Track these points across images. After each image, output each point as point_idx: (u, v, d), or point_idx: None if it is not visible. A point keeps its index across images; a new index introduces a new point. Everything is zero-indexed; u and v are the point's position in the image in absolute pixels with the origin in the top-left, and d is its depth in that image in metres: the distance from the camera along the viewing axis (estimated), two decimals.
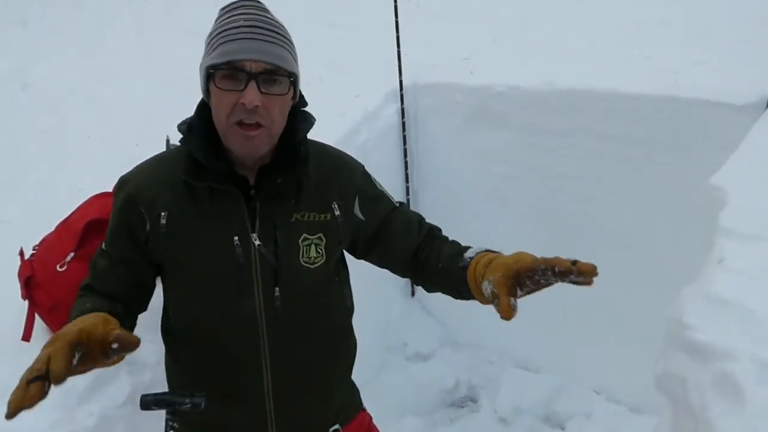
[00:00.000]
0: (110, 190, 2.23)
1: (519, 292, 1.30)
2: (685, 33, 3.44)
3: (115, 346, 1.15)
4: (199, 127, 1.39)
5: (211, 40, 1.32)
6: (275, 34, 1.32)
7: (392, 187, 3.56)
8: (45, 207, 2.68)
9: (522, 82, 3.24)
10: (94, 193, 2.22)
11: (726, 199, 1.77)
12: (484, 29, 4.10)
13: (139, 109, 3.87)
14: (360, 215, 1.55)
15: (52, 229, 2.17)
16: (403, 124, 3.49)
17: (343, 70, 3.80)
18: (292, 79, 1.35)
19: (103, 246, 1.47)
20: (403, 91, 3.44)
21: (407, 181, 3.63)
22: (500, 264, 1.32)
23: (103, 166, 3.01)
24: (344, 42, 4.22)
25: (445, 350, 3.70)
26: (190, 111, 1.48)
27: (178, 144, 1.46)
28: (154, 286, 1.54)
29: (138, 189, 1.40)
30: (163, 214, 1.38)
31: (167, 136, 2.15)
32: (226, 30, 1.30)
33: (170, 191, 1.39)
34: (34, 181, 3.23)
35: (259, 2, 1.38)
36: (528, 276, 1.28)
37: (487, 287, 1.31)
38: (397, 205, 1.64)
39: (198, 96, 1.44)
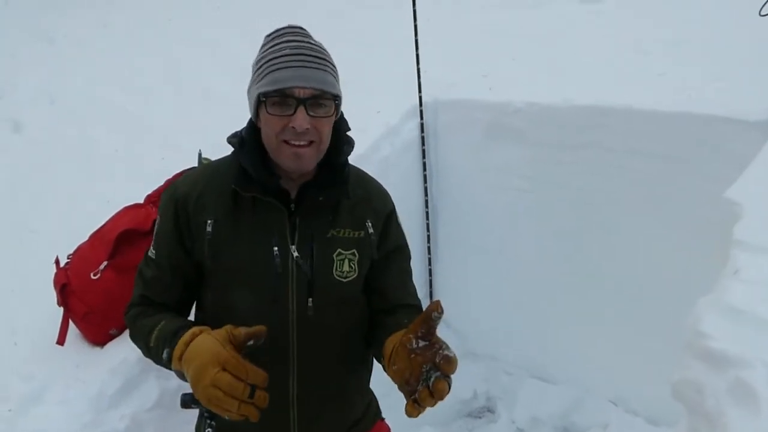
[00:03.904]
0: (141, 202, 2.33)
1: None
2: (701, 51, 3.47)
3: (251, 342, 1.28)
4: (252, 142, 1.47)
5: (260, 67, 1.40)
6: (319, 59, 1.40)
7: (412, 200, 3.63)
8: (74, 218, 2.75)
9: (540, 98, 3.29)
10: (125, 205, 2.29)
11: (741, 213, 1.82)
12: (502, 47, 4.14)
13: (164, 124, 3.96)
14: (380, 236, 1.61)
15: (81, 239, 2.24)
16: (423, 139, 3.55)
17: (364, 87, 3.86)
18: (337, 101, 1.44)
19: (151, 255, 1.52)
20: (423, 107, 3.50)
21: (426, 194, 3.69)
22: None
23: (131, 179, 3.09)
24: (365, 60, 4.29)
25: (463, 361, 3.66)
26: (213, 124, 1.56)
27: (207, 158, 1.54)
28: (195, 289, 1.58)
29: (187, 195, 1.47)
30: (209, 221, 1.44)
31: (200, 150, 2.21)
32: (273, 58, 1.38)
33: (217, 199, 1.46)
34: (63, 193, 3.29)
35: (302, 28, 1.46)
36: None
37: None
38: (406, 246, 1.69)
39: (222, 110, 1.52)
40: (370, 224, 1.56)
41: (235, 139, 1.50)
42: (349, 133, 1.57)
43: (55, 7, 6.37)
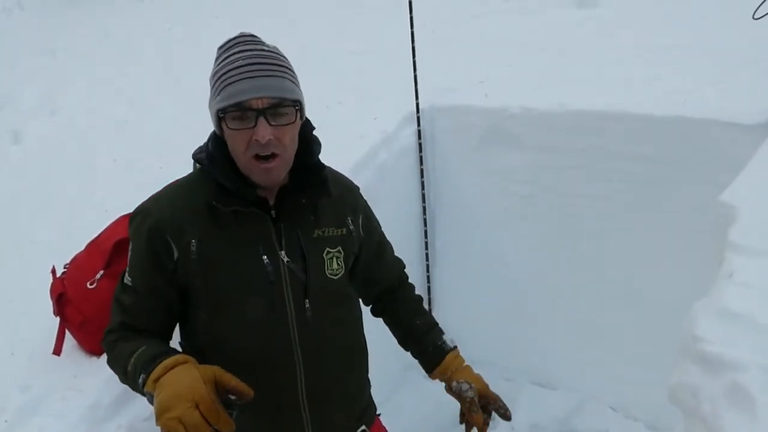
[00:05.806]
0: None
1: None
2: (696, 55, 3.47)
3: (233, 397, 1.24)
4: (221, 157, 1.45)
5: (215, 82, 1.38)
6: (274, 66, 1.38)
7: (409, 206, 3.63)
8: (73, 228, 2.76)
9: (535, 104, 3.29)
10: (122, 214, 2.28)
11: (736, 216, 1.81)
12: (498, 53, 4.15)
13: (162, 132, 3.97)
14: (362, 233, 1.67)
15: (79, 249, 2.23)
16: (420, 145, 3.56)
17: (362, 94, 3.87)
18: (297, 107, 1.41)
19: (127, 281, 1.47)
20: (420, 114, 3.51)
21: (423, 200, 3.69)
22: (476, 379, 1.82)
23: (129, 188, 3.10)
24: (363, 67, 4.30)
25: None
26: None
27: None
28: (179, 312, 1.56)
29: (161, 219, 1.43)
30: (193, 241, 1.42)
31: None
32: (227, 71, 1.36)
33: (196, 218, 1.44)
34: (63, 203, 3.31)
35: (253, 36, 1.44)
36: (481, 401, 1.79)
37: (464, 387, 1.76)
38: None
39: None
40: (350, 221, 1.61)
41: (202, 155, 1.48)
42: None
43: (56, 20, 6.41)
